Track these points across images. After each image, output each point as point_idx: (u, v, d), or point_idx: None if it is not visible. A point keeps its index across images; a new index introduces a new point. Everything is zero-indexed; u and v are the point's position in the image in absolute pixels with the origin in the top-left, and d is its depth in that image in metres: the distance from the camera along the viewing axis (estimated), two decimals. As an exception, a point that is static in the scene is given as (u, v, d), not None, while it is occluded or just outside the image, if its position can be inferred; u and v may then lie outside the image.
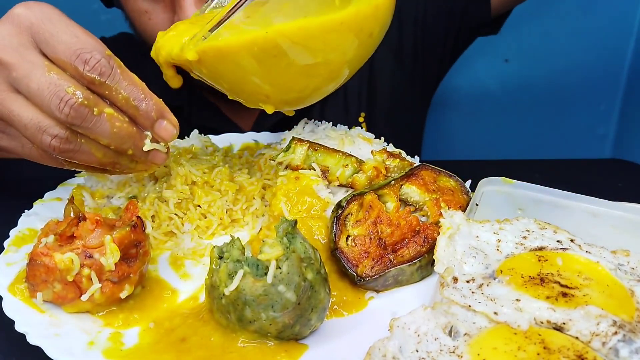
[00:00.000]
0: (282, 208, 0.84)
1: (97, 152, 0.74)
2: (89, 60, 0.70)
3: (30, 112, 0.70)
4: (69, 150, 0.72)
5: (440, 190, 0.86)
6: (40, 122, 0.70)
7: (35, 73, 0.70)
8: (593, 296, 0.63)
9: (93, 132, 0.72)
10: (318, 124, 1.07)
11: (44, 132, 0.70)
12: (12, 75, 0.70)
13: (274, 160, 0.93)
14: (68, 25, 0.72)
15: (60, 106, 0.68)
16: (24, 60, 0.70)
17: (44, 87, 0.69)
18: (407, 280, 0.78)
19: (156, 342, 0.68)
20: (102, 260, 0.69)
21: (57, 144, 0.71)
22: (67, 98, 0.69)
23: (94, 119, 0.71)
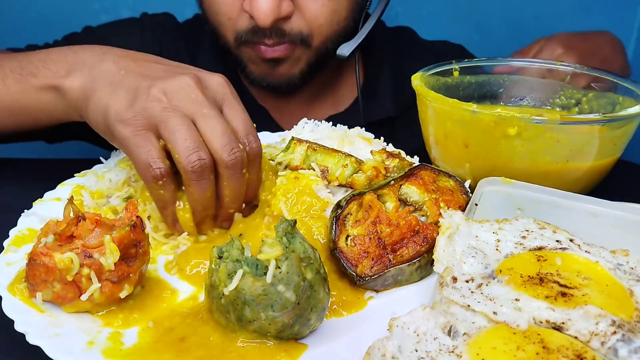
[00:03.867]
0: (282, 208, 0.84)
1: (209, 191, 0.81)
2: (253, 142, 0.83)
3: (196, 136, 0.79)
4: (199, 175, 0.79)
5: (439, 190, 0.86)
6: (199, 145, 0.78)
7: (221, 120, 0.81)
8: (592, 296, 0.63)
9: (230, 181, 0.81)
10: (318, 123, 1.07)
11: (196, 152, 0.78)
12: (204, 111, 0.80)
13: (274, 160, 0.93)
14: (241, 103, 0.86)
15: (231, 152, 0.79)
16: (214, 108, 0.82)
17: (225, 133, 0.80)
18: (407, 280, 0.78)
19: (155, 342, 0.68)
20: (102, 260, 0.69)
21: (198, 166, 0.78)
22: (238, 150, 0.80)
23: (240, 175, 0.81)
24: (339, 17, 1.26)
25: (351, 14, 1.29)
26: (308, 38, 1.24)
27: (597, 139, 0.91)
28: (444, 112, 0.98)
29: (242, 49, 1.29)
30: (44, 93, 0.95)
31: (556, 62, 1.14)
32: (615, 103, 1.07)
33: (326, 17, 1.24)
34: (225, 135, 0.79)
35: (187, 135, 0.78)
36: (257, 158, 0.85)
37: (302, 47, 1.26)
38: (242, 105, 0.86)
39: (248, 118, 0.85)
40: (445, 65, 1.13)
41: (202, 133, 0.79)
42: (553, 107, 1.16)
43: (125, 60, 0.89)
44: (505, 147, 0.92)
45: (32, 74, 0.96)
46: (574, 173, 0.94)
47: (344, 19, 1.27)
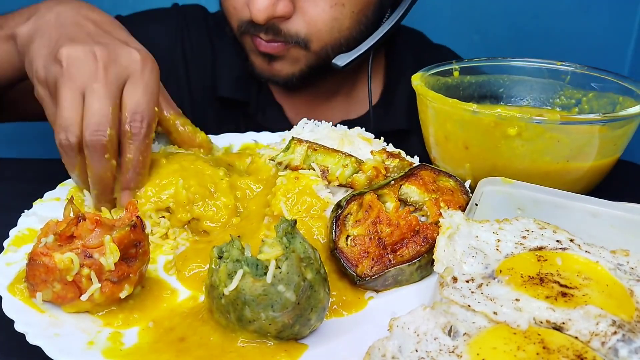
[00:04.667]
0: (282, 208, 0.84)
1: (77, 169, 0.86)
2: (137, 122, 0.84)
3: (74, 113, 0.81)
4: (65, 153, 0.83)
5: (439, 190, 0.86)
6: (71, 124, 0.81)
7: (104, 100, 0.82)
8: (592, 296, 0.63)
9: (90, 163, 0.83)
10: (318, 124, 1.07)
11: (65, 131, 0.81)
12: (93, 86, 0.82)
13: (274, 160, 0.93)
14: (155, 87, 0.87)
15: (94, 132, 0.81)
16: (109, 85, 0.83)
17: (98, 113, 0.81)
18: (407, 280, 0.78)
19: (155, 342, 0.68)
20: (102, 260, 0.69)
21: (64, 144, 0.82)
22: (102, 133, 0.81)
23: (99, 159, 0.83)
24: (341, 25, 1.24)
25: (356, 25, 1.27)
26: (305, 41, 1.24)
27: (597, 139, 0.91)
28: (444, 112, 0.97)
29: (244, 38, 1.31)
30: (6, 43, 1.00)
31: (556, 62, 1.14)
32: (615, 103, 1.07)
33: (326, 23, 1.23)
34: (96, 115, 0.81)
35: (66, 111, 0.81)
36: (136, 139, 0.85)
37: (298, 48, 1.25)
38: (150, 84, 0.86)
39: (146, 97, 0.85)
40: (446, 65, 1.13)
41: (83, 105, 0.81)
42: (553, 107, 1.16)
43: (67, 13, 0.93)
44: (505, 147, 0.92)
45: (1, 27, 1.02)
46: (574, 173, 0.94)
47: (346, 29, 1.25)
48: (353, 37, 1.28)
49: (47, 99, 0.85)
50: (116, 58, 0.85)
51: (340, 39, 1.26)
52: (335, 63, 1.25)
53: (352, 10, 1.24)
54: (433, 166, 0.92)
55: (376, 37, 1.27)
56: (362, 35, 1.29)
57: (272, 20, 1.20)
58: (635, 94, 1.02)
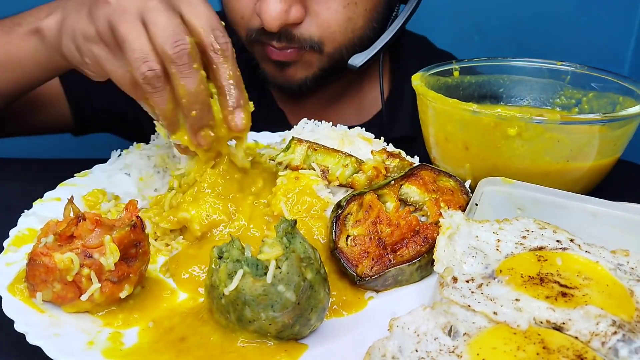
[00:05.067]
0: (282, 208, 0.84)
1: (169, 103, 0.80)
2: (220, 37, 0.80)
3: (144, 41, 0.77)
4: (153, 87, 0.78)
5: (440, 190, 0.86)
6: (147, 53, 0.77)
7: (168, 13, 0.78)
8: (592, 296, 0.63)
9: (180, 80, 0.78)
10: (318, 124, 1.07)
11: (145, 62, 0.77)
12: (149, 4, 0.78)
13: (274, 160, 0.93)
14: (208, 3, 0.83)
15: (175, 44, 0.76)
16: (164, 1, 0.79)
17: (170, 25, 0.77)
18: (407, 280, 0.78)
19: (155, 342, 0.68)
20: (102, 260, 0.68)
21: (150, 76, 0.77)
22: (183, 42, 0.77)
23: (190, 70, 0.78)
24: (354, 25, 1.22)
25: (369, 23, 1.25)
26: (319, 44, 1.21)
27: (597, 139, 0.91)
28: (444, 112, 0.97)
29: (254, 47, 1.28)
30: (28, 39, 0.97)
31: (556, 62, 1.13)
32: (615, 103, 1.07)
33: (339, 24, 1.20)
34: (169, 28, 0.77)
35: (135, 43, 0.77)
36: (227, 52, 0.81)
37: (312, 52, 1.23)
38: (208, 4, 0.83)
39: (212, 12, 0.82)
40: (446, 65, 1.13)
41: (147, 29, 0.78)
42: (553, 107, 1.16)
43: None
44: (505, 147, 0.92)
45: (18, 24, 1.00)
46: (574, 173, 0.94)
47: (359, 28, 1.23)
48: (366, 35, 1.26)
49: (106, 53, 0.81)
50: None
51: (354, 39, 1.24)
52: (351, 64, 1.22)
53: (365, 8, 1.21)
54: (433, 166, 0.92)
55: (391, 32, 1.25)
56: (374, 32, 1.27)
57: (285, 27, 1.17)
58: (635, 94, 1.02)
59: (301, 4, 1.17)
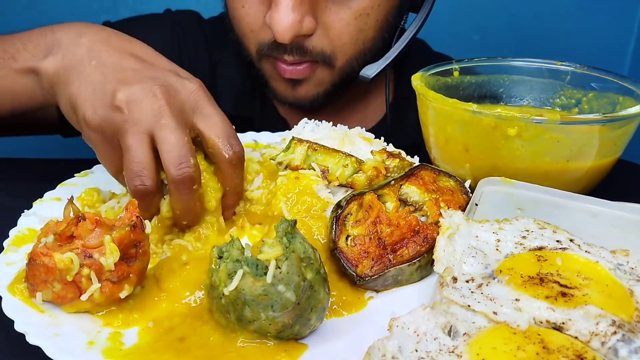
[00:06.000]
0: (282, 208, 0.84)
1: (163, 206, 0.82)
2: (235, 146, 0.82)
3: (145, 156, 0.78)
4: (140, 198, 0.79)
5: (439, 190, 0.86)
6: (144, 168, 0.78)
7: (177, 132, 0.78)
8: (592, 296, 0.63)
9: (176, 197, 0.80)
10: (318, 123, 1.07)
11: (140, 177, 0.78)
12: (162, 122, 0.78)
13: (274, 160, 0.93)
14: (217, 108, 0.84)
15: (179, 166, 0.77)
16: (177, 117, 0.79)
17: (176, 146, 0.77)
18: (407, 280, 0.78)
19: (155, 342, 0.68)
20: (102, 260, 0.69)
21: (141, 190, 0.78)
22: (187, 165, 0.77)
23: (189, 192, 0.79)
24: (366, 36, 1.20)
25: (380, 33, 1.22)
26: (331, 58, 1.19)
27: (597, 139, 0.91)
28: (444, 112, 0.97)
29: (264, 63, 1.26)
30: (24, 76, 0.94)
31: (556, 62, 1.13)
32: (615, 103, 1.07)
33: (351, 36, 1.18)
34: (176, 149, 0.77)
35: (135, 156, 0.77)
36: (240, 162, 0.84)
37: (324, 67, 1.21)
38: (219, 109, 0.84)
39: (226, 121, 0.83)
40: (445, 65, 1.13)
41: (157, 146, 0.78)
42: (553, 107, 1.16)
43: (99, 47, 0.86)
44: (505, 148, 0.92)
45: (13, 58, 0.95)
46: (574, 173, 0.94)
47: (370, 39, 1.21)
48: (377, 46, 1.24)
49: (101, 145, 0.81)
50: (174, 91, 0.81)
51: (364, 50, 1.22)
52: (363, 75, 1.19)
53: (376, 19, 1.19)
54: (433, 166, 0.92)
55: (403, 42, 1.22)
56: (384, 42, 1.25)
57: (296, 39, 1.14)
58: (635, 94, 1.02)
59: (313, 15, 1.14)
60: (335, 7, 1.16)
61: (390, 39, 1.25)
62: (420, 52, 1.49)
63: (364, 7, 1.17)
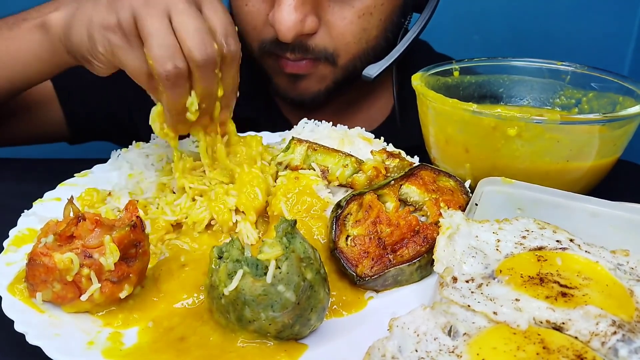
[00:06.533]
0: (282, 208, 0.84)
1: (184, 97, 0.81)
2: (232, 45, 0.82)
3: (171, 39, 0.77)
4: (174, 83, 0.78)
5: (439, 190, 0.86)
6: (175, 51, 0.77)
7: (197, 17, 0.79)
8: (592, 296, 0.63)
9: (202, 82, 0.80)
10: (318, 123, 1.07)
11: (171, 59, 0.77)
12: (179, 6, 0.78)
13: (274, 160, 0.93)
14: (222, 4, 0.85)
15: (203, 51, 0.77)
16: (191, 3, 0.80)
17: (199, 31, 0.78)
18: (407, 280, 0.78)
19: (155, 342, 0.68)
20: (102, 260, 0.69)
21: (174, 73, 0.77)
22: (211, 49, 0.78)
23: (212, 75, 0.80)
24: (369, 35, 1.20)
25: (383, 33, 1.22)
26: (333, 56, 1.19)
27: (597, 139, 0.91)
28: (444, 112, 0.97)
29: (266, 60, 1.26)
30: (32, 33, 0.97)
31: (556, 62, 1.13)
32: (615, 103, 1.07)
33: (354, 35, 1.18)
34: (199, 33, 0.78)
35: (162, 39, 0.77)
36: (234, 60, 0.84)
37: (326, 64, 1.21)
38: (223, 5, 0.84)
39: (228, 17, 0.84)
40: (446, 65, 1.13)
41: (175, 29, 0.78)
42: (553, 107, 1.16)
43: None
44: (505, 148, 0.92)
45: (24, 19, 0.99)
46: (574, 173, 0.94)
47: (374, 38, 1.21)
48: (380, 45, 1.24)
49: (123, 43, 0.80)
50: None
51: (368, 49, 1.22)
52: (366, 74, 1.19)
53: (379, 18, 1.19)
54: (433, 166, 0.92)
55: (407, 42, 1.22)
56: (387, 42, 1.24)
57: (299, 38, 1.15)
58: (635, 94, 1.02)
59: (315, 14, 1.15)
60: (338, 7, 1.16)
61: (395, 38, 1.25)
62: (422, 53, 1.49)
63: (367, 6, 1.17)
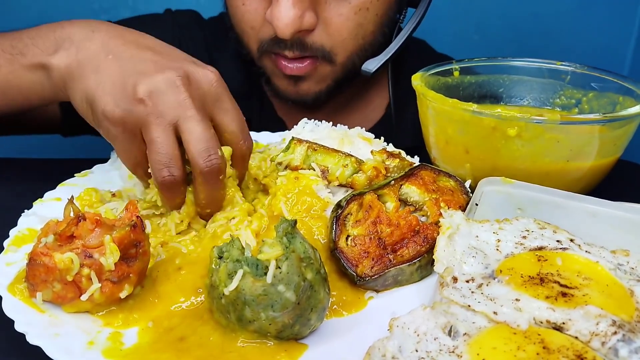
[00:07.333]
0: (282, 208, 0.84)
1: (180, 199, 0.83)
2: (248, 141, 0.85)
3: (172, 147, 0.78)
4: (167, 189, 0.80)
5: (440, 190, 0.86)
6: (171, 159, 0.78)
7: (204, 123, 0.79)
8: (592, 296, 0.63)
9: (203, 188, 0.80)
10: (318, 123, 1.07)
11: (168, 168, 0.78)
12: (187, 113, 0.78)
13: (274, 160, 0.93)
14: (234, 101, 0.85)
15: (208, 158, 0.78)
16: (199, 110, 0.79)
17: (204, 137, 0.78)
18: (407, 280, 0.78)
19: (155, 342, 0.68)
20: (102, 260, 0.68)
21: (168, 181, 0.78)
22: (215, 156, 0.78)
23: (216, 183, 0.80)
24: (365, 31, 1.20)
25: (379, 28, 1.23)
26: (331, 54, 1.20)
27: (597, 139, 0.91)
28: (444, 112, 0.98)
29: (265, 61, 1.26)
30: (32, 72, 0.93)
31: (556, 62, 1.14)
32: (615, 103, 1.07)
33: (350, 31, 1.18)
34: (203, 141, 0.78)
35: (162, 148, 0.77)
36: (248, 156, 0.87)
37: (325, 63, 1.21)
38: (235, 102, 0.85)
39: (241, 116, 0.85)
40: (446, 65, 1.13)
41: (182, 137, 0.78)
42: (553, 107, 1.16)
43: (114, 42, 0.85)
44: (505, 148, 0.92)
45: (22, 53, 0.94)
46: (574, 173, 0.94)
47: (370, 33, 1.22)
48: (377, 40, 1.24)
49: (122, 138, 0.80)
50: (196, 82, 0.81)
51: (364, 45, 1.23)
52: (365, 69, 1.20)
53: (375, 13, 1.20)
54: (433, 166, 0.92)
55: (404, 36, 1.22)
56: (384, 37, 1.25)
57: (297, 35, 1.15)
58: (635, 94, 1.02)
59: (313, 10, 1.15)
60: (335, 3, 1.16)
61: (391, 33, 1.26)
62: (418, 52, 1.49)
63: (364, 2, 1.18)
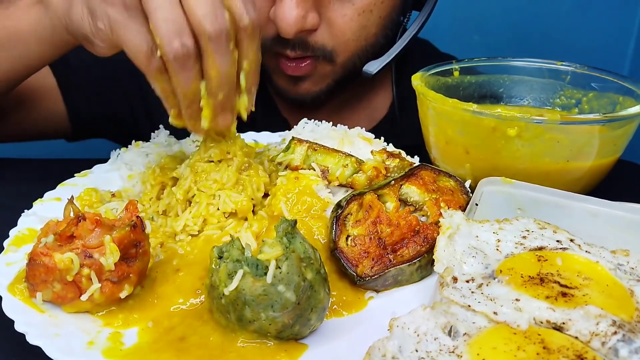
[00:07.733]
0: (282, 208, 0.84)
1: (195, 82, 0.74)
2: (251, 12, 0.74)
3: (178, 12, 0.70)
4: (182, 65, 0.72)
5: (440, 190, 0.86)
6: (182, 27, 0.70)
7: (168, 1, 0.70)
8: (592, 296, 0.63)
9: (216, 60, 0.73)
10: (318, 123, 1.07)
11: (178, 36, 0.70)
12: None
13: (274, 160, 0.93)
14: None
15: (214, 20, 0.70)
16: None
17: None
18: (407, 280, 0.78)
19: (155, 342, 0.68)
20: (102, 260, 0.68)
21: (182, 52, 0.71)
22: (222, 18, 0.71)
23: (227, 50, 0.73)
24: (368, 33, 1.20)
25: (382, 30, 1.23)
26: (332, 54, 1.20)
27: (597, 139, 0.91)
28: (444, 112, 0.98)
29: (266, 59, 1.25)
30: (30, 10, 0.91)
31: (556, 62, 1.14)
32: (615, 103, 1.07)
33: (353, 32, 1.18)
34: (208, 3, 0.70)
35: (169, 14, 0.70)
36: (255, 31, 0.77)
37: (325, 63, 1.21)
38: None
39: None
40: (446, 65, 1.13)
41: (184, 4, 0.71)
42: (553, 107, 1.16)
43: None
44: (505, 148, 0.92)
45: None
46: (574, 173, 0.94)
47: (372, 35, 1.22)
48: (379, 43, 1.24)
49: (124, 18, 0.72)
50: None
51: (367, 47, 1.23)
52: (366, 71, 1.20)
53: (379, 15, 1.20)
54: (433, 166, 0.92)
55: (406, 39, 1.23)
56: (387, 39, 1.25)
57: (300, 34, 1.15)
58: (635, 94, 1.02)
59: (317, 10, 1.15)
60: (339, 4, 1.16)
61: (394, 35, 1.26)
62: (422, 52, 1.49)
63: (368, 4, 1.17)
